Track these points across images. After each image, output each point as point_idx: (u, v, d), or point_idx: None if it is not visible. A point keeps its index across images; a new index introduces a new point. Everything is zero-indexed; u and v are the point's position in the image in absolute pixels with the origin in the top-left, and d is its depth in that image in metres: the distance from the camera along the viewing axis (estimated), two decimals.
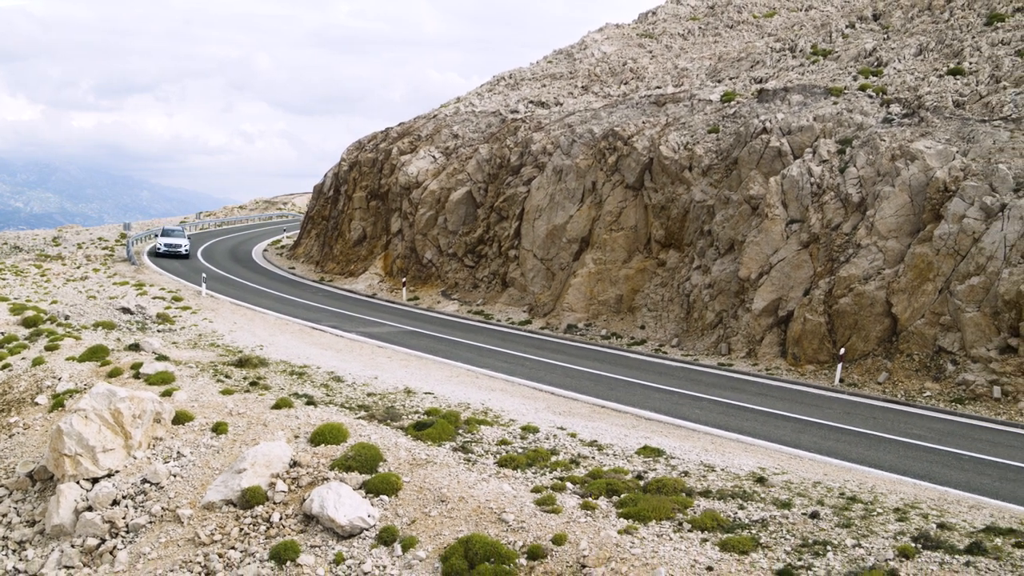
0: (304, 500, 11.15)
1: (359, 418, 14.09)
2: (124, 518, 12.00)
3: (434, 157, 39.46)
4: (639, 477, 11.71)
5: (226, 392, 15.56)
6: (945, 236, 19.63)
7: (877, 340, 20.35)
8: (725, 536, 9.58)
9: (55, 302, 26.88)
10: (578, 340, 26.28)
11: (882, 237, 20.94)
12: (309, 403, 14.99)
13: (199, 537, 11.14)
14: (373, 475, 11.51)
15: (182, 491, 12.20)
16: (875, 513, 10.49)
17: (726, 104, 29.49)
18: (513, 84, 46.89)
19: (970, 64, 25.92)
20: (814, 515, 10.29)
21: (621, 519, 10.11)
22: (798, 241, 22.63)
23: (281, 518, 11.13)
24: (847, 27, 34.21)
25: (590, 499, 10.71)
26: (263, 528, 11.05)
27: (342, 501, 10.75)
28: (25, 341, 20.05)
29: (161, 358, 18.04)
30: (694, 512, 10.32)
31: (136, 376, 16.54)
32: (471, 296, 33.18)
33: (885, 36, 31.62)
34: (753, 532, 9.75)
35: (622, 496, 10.78)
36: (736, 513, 10.36)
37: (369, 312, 30.42)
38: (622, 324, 26.99)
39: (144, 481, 12.49)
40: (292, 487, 11.66)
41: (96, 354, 18.18)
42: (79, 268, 39.51)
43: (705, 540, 9.55)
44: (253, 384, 16.36)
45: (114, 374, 16.73)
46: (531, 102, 40.71)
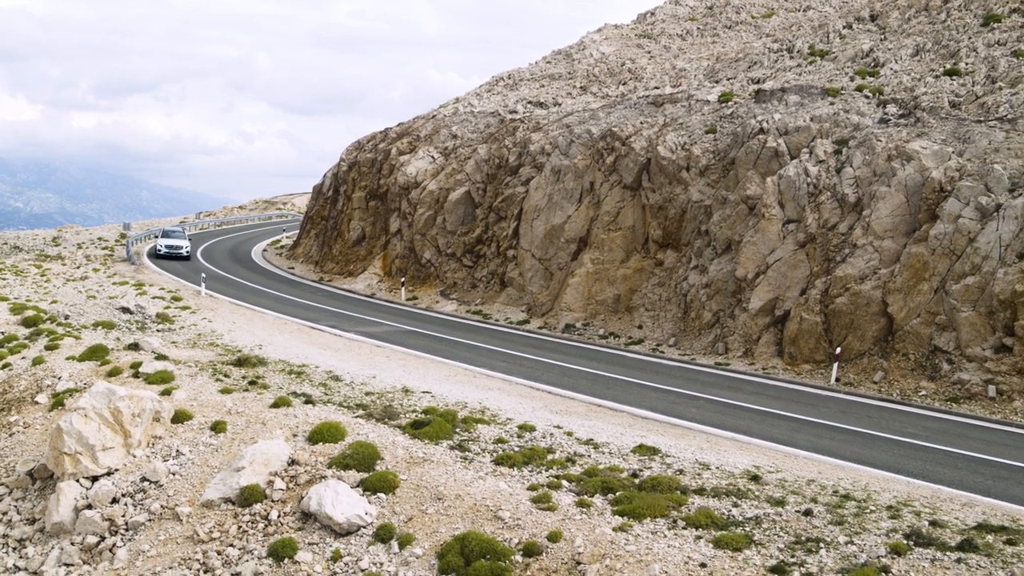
0: (302, 498, 11.24)
1: (357, 417, 14.18)
2: (123, 516, 12.09)
3: (433, 157, 39.54)
4: (634, 475, 11.80)
5: (225, 391, 15.66)
6: (941, 236, 19.73)
7: (873, 339, 20.45)
8: (719, 533, 9.67)
9: (55, 302, 26.97)
10: (576, 340, 26.37)
11: (878, 237, 21.04)
12: (307, 402, 15.08)
13: (198, 535, 11.24)
14: (370, 473, 11.61)
15: (181, 489, 12.29)
16: (868, 511, 10.58)
17: (724, 104, 29.57)
18: (512, 84, 46.97)
19: (966, 65, 26.01)
20: (807, 513, 10.38)
21: (616, 517, 10.20)
22: (795, 241, 22.73)
23: (279, 516, 11.23)
24: (844, 28, 34.30)
25: (585, 497, 10.80)
26: (261, 526, 11.14)
27: (340, 499, 10.84)
28: (25, 340, 20.15)
29: (160, 357, 18.13)
30: (688, 510, 10.41)
31: (135, 375, 16.64)
32: (469, 296, 33.26)
33: (882, 37, 31.71)
34: (747, 529, 9.84)
35: (617, 494, 10.87)
36: (730, 511, 10.45)
37: (368, 312, 30.50)
38: (620, 324, 27.09)
39: (143, 479, 12.59)
40: (290, 485, 11.75)
41: (96, 353, 18.27)
42: (79, 268, 39.58)
43: (699, 537, 9.65)
44: (252, 383, 16.45)
45: (114, 373, 16.83)
46: (530, 102, 40.78)
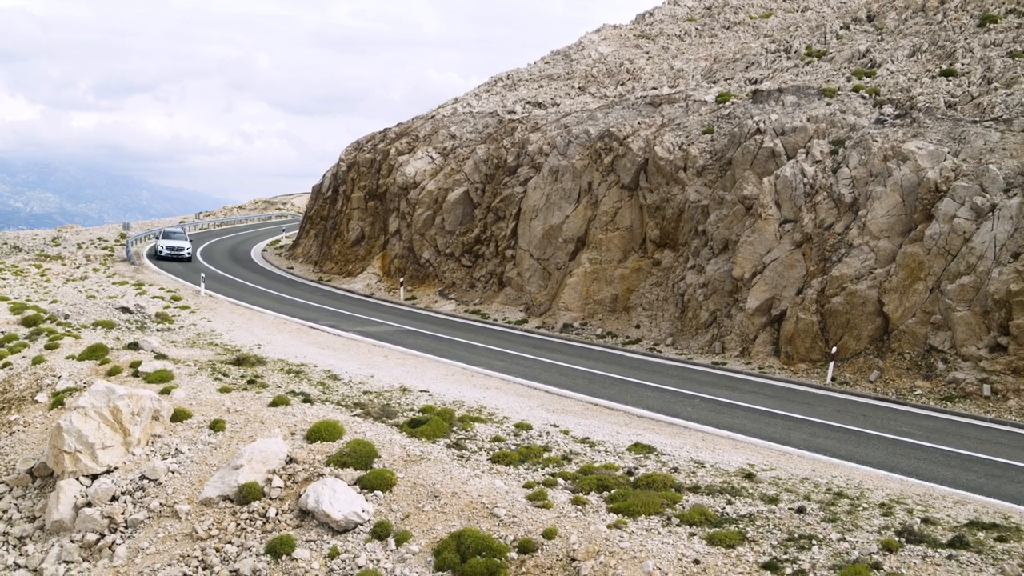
0: (300, 496, 11.34)
1: (355, 415, 14.27)
2: (123, 513, 12.19)
3: (432, 157, 39.63)
4: (630, 473, 11.89)
5: (224, 390, 15.75)
6: (936, 236, 19.83)
7: (869, 339, 20.55)
8: (712, 530, 9.77)
9: (55, 301, 27.05)
10: (574, 339, 26.47)
11: (874, 237, 21.14)
12: (306, 401, 15.18)
13: (196, 532, 11.33)
14: (368, 471, 11.71)
15: (180, 487, 12.38)
16: (861, 508, 10.67)
17: (721, 105, 29.67)
18: (511, 85, 47.07)
19: (962, 65, 26.11)
20: (800, 510, 10.48)
21: (611, 514, 10.30)
22: (791, 241, 22.83)
23: (277, 513, 11.32)
24: (841, 28, 34.40)
25: (581, 494, 10.89)
26: (259, 523, 11.24)
27: (337, 496, 10.94)
28: (25, 340, 20.24)
29: (160, 357, 18.22)
30: (683, 507, 10.51)
31: (135, 374, 16.73)
32: (468, 296, 33.36)
33: (879, 37, 31.81)
34: (740, 526, 9.94)
35: (612, 492, 10.97)
36: (724, 508, 10.55)
37: (366, 311, 30.59)
38: (617, 323, 27.18)
39: (143, 477, 12.68)
40: (288, 483, 11.85)
41: (95, 353, 18.37)
42: (79, 268, 39.66)
43: (693, 534, 9.75)
44: (251, 382, 16.55)
45: (113, 372, 16.92)
46: (528, 103, 40.87)
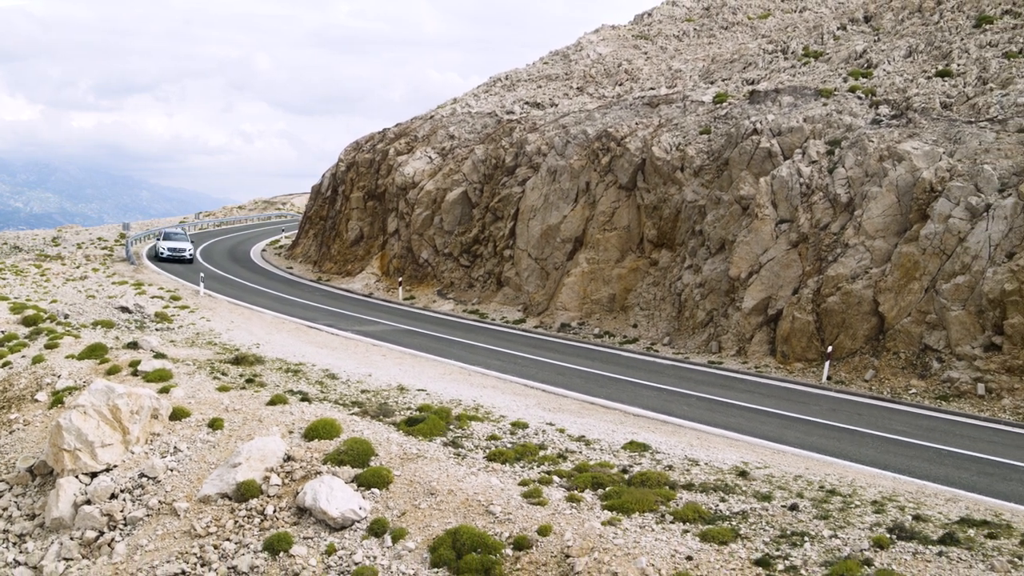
0: (297, 493, 11.44)
1: (352, 414, 14.38)
2: (122, 511, 12.29)
3: (430, 158, 39.73)
4: (624, 471, 12.00)
5: (222, 389, 15.86)
6: (931, 236, 19.93)
7: (864, 338, 20.66)
8: (706, 527, 9.88)
9: (55, 301, 27.15)
10: (571, 339, 26.57)
11: (869, 237, 21.25)
12: (304, 399, 15.28)
13: (195, 529, 11.43)
14: (365, 469, 11.81)
15: (179, 485, 12.49)
16: (853, 505, 10.78)
17: (718, 105, 29.78)
18: (509, 85, 47.17)
19: (958, 66, 26.22)
20: (793, 507, 10.58)
21: (605, 511, 10.41)
22: (787, 241, 22.93)
23: (275, 511, 11.43)
24: (839, 29, 34.51)
25: (576, 492, 11.00)
26: (257, 520, 11.34)
27: (334, 494, 11.04)
28: (25, 339, 20.33)
29: (159, 356, 18.32)
30: (677, 504, 10.62)
31: (134, 373, 16.83)
32: (466, 295, 33.46)
33: (876, 38, 31.92)
34: (733, 523, 10.05)
35: (607, 489, 11.07)
36: (717, 505, 10.66)
37: (365, 311, 30.69)
38: (615, 323, 27.29)
39: (142, 475, 12.79)
40: (286, 481, 11.95)
41: (95, 352, 18.46)
42: (78, 268, 39.75)
43: (686, 531, 9.86)
44: (249, 381, 16.65)
45: (113, 371, 17.02)
46: (527, 103, 40.98)
